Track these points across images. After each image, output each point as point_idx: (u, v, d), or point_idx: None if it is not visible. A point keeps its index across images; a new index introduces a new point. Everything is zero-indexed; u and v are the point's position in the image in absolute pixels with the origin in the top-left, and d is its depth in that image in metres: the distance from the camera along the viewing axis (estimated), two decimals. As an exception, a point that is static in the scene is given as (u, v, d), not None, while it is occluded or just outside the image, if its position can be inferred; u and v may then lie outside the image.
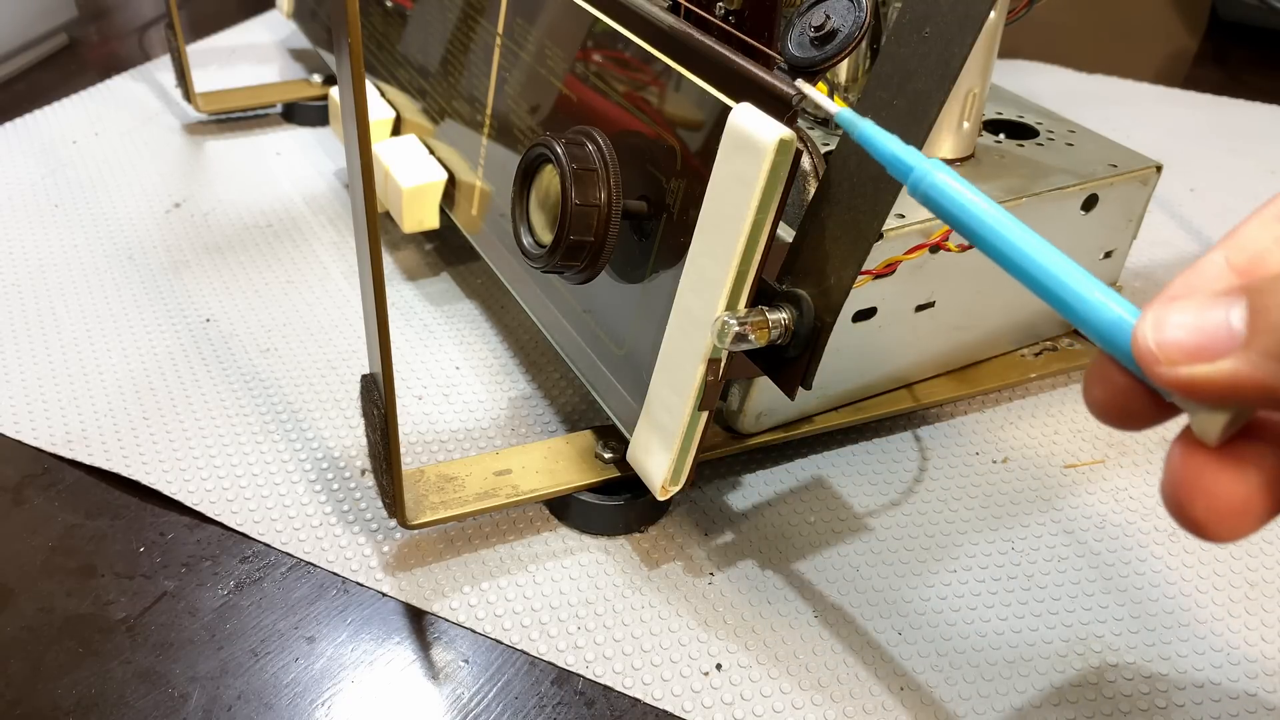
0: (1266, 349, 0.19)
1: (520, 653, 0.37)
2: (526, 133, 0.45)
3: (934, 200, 0.24)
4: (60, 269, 0.57)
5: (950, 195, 0.24)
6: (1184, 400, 0.21)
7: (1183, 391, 0.20)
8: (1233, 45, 0.97)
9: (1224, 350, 0.19)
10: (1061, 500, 0.44)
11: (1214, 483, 0.21)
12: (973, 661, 0.37)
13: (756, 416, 0.43)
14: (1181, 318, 0.20)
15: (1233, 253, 0.22)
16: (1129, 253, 0.50)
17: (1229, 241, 0.22)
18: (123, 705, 0.35)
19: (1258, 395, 0.19)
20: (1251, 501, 0.20)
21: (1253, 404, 0.20)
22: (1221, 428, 0.20)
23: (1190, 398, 0.20)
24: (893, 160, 0.26)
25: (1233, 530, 0.21)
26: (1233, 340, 0.19)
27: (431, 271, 0.58)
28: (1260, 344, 0.19)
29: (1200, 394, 0.20)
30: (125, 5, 0.98)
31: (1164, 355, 0.20)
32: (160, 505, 0.42)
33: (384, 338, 0.33)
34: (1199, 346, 0.20)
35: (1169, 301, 0.21)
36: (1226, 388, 0.19)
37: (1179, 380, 0.20)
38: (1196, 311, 0.20)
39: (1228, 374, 0.19)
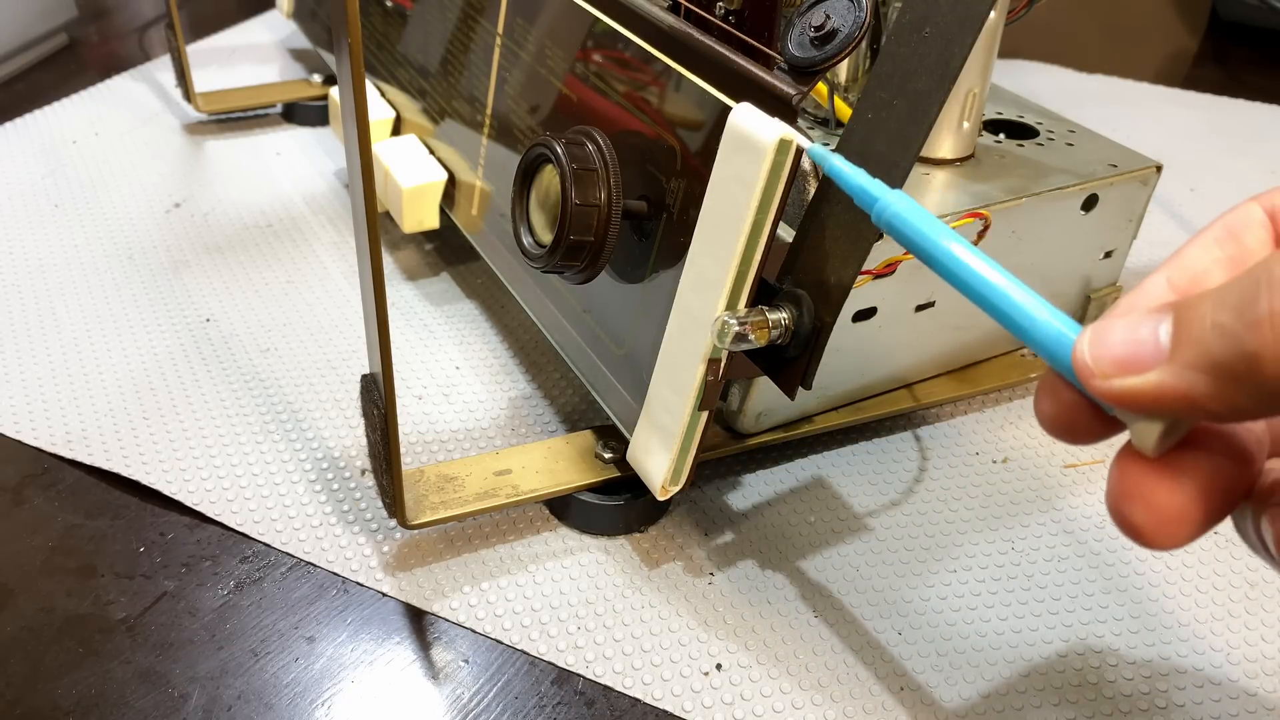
0: (1187, 361, 0.20)
1: (520, 653, 0.37)
2: (526, 133, 0.45)
3: (897, 230, 0.26)
4: (60, 269, 0.57)
5: (912, 225, 0.26)
6: (1121, 412, 0.22)
7: (1114, 402, 0.21)
8: (1233, 45, 0.97)
9: (1150, 363, 0.21)
10: (1061, 500, 0.44)
11: (1152, 492, 0.21)
12: (973, 661, 0.37)
13: (756, 416, 0.43)
14: (1116, 334, 0.21)
15: (1174, 273, 0.23)
16: (1129, 253, 0.50)
17: (1172, 263, 0.23)
18: (123, 705, 0.35)
19: (1181, 405, 0.20)
20: (1189, 509, 0.21)
21: (1177, 414, 0.21)
22: (1156, 438, 0.21)
23: (1122, 408, 0.21)
24: (859, 192, 0.27)
25: (1172, 537, 0.21)
26: (1159, 354, 0.20)
27: (431, 271, 0.58)
28: (1182, 357, 0.20)
29: (1130, 404, 0.21)
30: (125, 5, 0.98)
31: (1098, 368, 0.21)
32: (160, 505, 0.42)
33: (384, 338, 0.33)
34: (1129, 359, 0.21)
35: (1108, 319, 0.22)
36: (1153, 398, 0.20)
37: (1110, 391, 0.21)
38: (1130, 327, 0.21)
39: (1153, 385, 0.20)
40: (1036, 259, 0.46)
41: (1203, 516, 0.22)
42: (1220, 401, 0.20)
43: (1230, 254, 0.23)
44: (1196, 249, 0.23)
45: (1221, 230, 0.24)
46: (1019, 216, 0.44)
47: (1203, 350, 0.20)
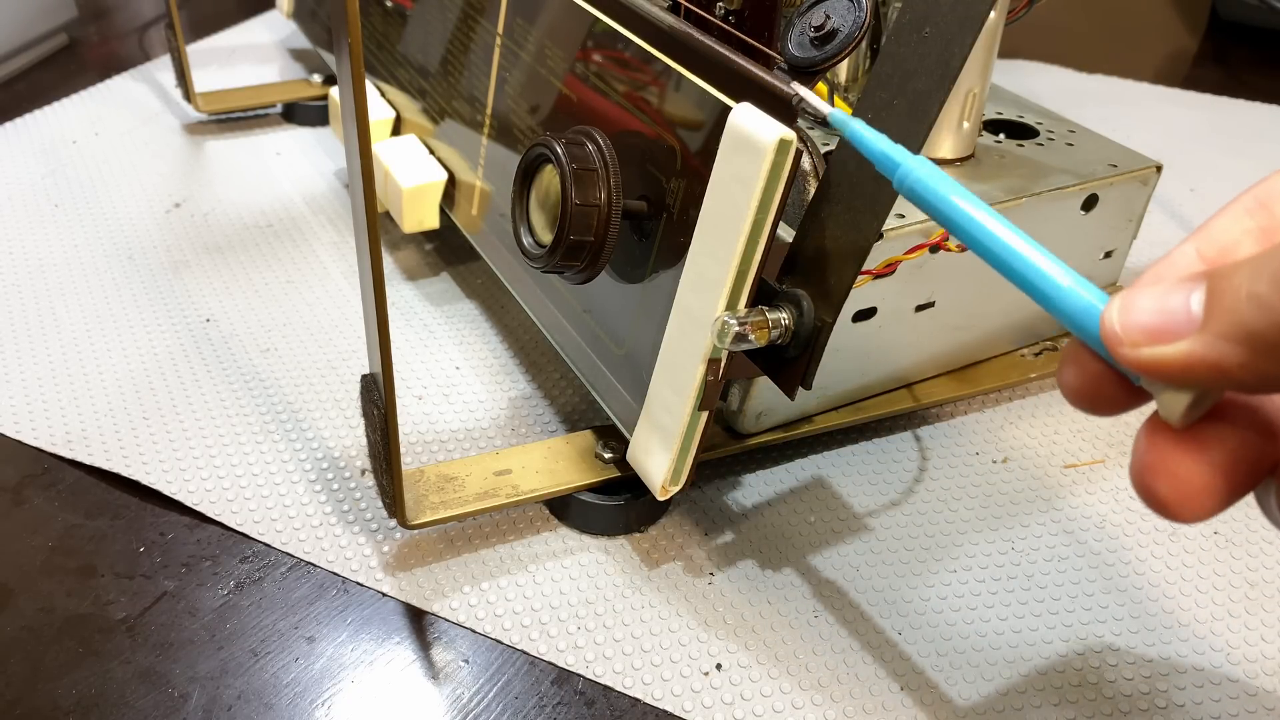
0: (1220, 331, 0.20)
1: (520, 653, 0.37)
2: (526, 133, 0.45)
3: (919, 195, 0.26)
4: (60, 269, 0.57)
5: (935, 190, 0.25)
6: (1149, 382, 0.22)
7: (1143, 371, 0.21)
8: (1233, 45, 0.97)
9: (1182, 332, 0.20)
10: (1061, 500, 0.44)
11: (1178, 463, 0.21)
12: (973, 661, 0.37)
13: (756, 416, 0.43)
14: (1146, 302, 0.21)
15: (1203, 244, 0.23)
16: (1129, 253, 0.50)
17: (1200, 234, 0.23)
18: (123, 705, 0.35)
19: (1211, 375, 0.20)
20: (1214, 482, 0.21)
21: (1207, 384, 0.21)
22: (1184, 408, 0.21)
23: (1151, 377, 0.21)
24: (881, 158, 0.27)
25: (1196, 510, 0.21)
26: (1191, 323, 0.20)
27: (431, 271, 0.58)
28: (1215, 326, 0.20)
29: (1159, 373, 0.21)
30: (125, 5, 0.98)
31: (1127, 336, 0.21)
32: (160, 505, 0.42)
33: (384, 338, 0.33)
34: (1160, 328, 0.21)
35: (1137, 288, 0.22)
36: (1183, 367, 0.20)
37: (1139, 360, 0.21)
38: (1161, 296, 0.21)
39: (1183, 354, 0.20)
40: (1036, 259, 0.46)
41: (1227, 490, 0.21)
42: (1252, 372, 0.19)
43: (1262, 224, 0.23)
44: (1226, 219, 0.23)
45: (1252, 201, 0.23)
46: (1019, 216, 0.44)
47: (1237, 320, 0.19)
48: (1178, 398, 0.21)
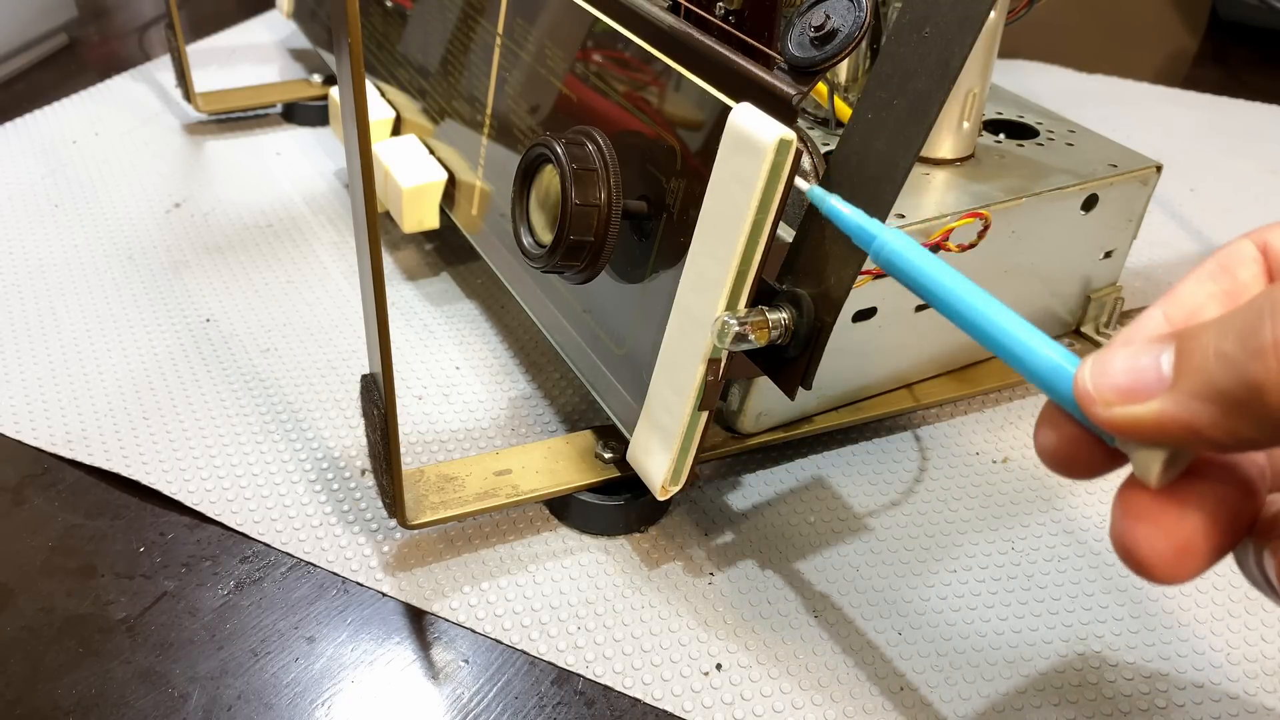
0: (1190, 390, 0.20)
1: (520, 653, 0.37)
2: (526, 133, 0.45)
3: (895, 265, 0.27)
4: (60, 269, 0.57)
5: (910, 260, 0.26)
6: (1123, 442, 0.22)
7: (1116, 430, 0.21)
8: (1233, 45, 0.97)
9: (1153, 391, 0.21)
10: (1061, 500, 0.44)
11: (1156, 524, 0.21)
12: (973, 661, 0.37)
13: (756, 416, 0.43)
14: (1118, 362, 0.22)
15: (1170, 308, 0.23)
16: (1129, 253, 0.50)
17: (1167, 299, 0.24)
18: (123, 705, 0.35)
19: (1183, 433, 0.20)
20: (1195, 541, 0.21)
21: (1180, 442, 0.21)
22: (1160, 468, 0.21)
23: (1124, 437, 0.22)
24: (857, 231, 0.28)
25: (1177, 571, 0.21)
26: (1161, 382, 0.21)
27: (431, 271, 0.58)
28: (1185, 385, 0.20)
29: (1132, 433, 0.21)
30: (125, 5, 0.98)
31: (1100, 396, 0.21)
32: (160, 505, 0.42)
33: (384, 338, 0.33)
34: (1131, 387, 0.21)
35: (1108, 349, 0.22)
36: (1155, 425, 0.21)
37: (1113, 419, 0.21)
38: (1131, 356, 0.21)
39: (1155, 413, 0.21)
40: (1036, 259, 0.46)
41: (1209, 549, 0.21)
42: (1223, 430, 0.20)
43: (1225, 288, 0.23)
44: (1191, 284, 0.24)
45: (1215, 266, 0.24)
46: (1019, 216, 0.44)
47: (1206, 379, 0.20)
48: (1152, 456, 0.21)
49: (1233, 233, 0.68)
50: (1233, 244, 0.24)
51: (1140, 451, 0.22)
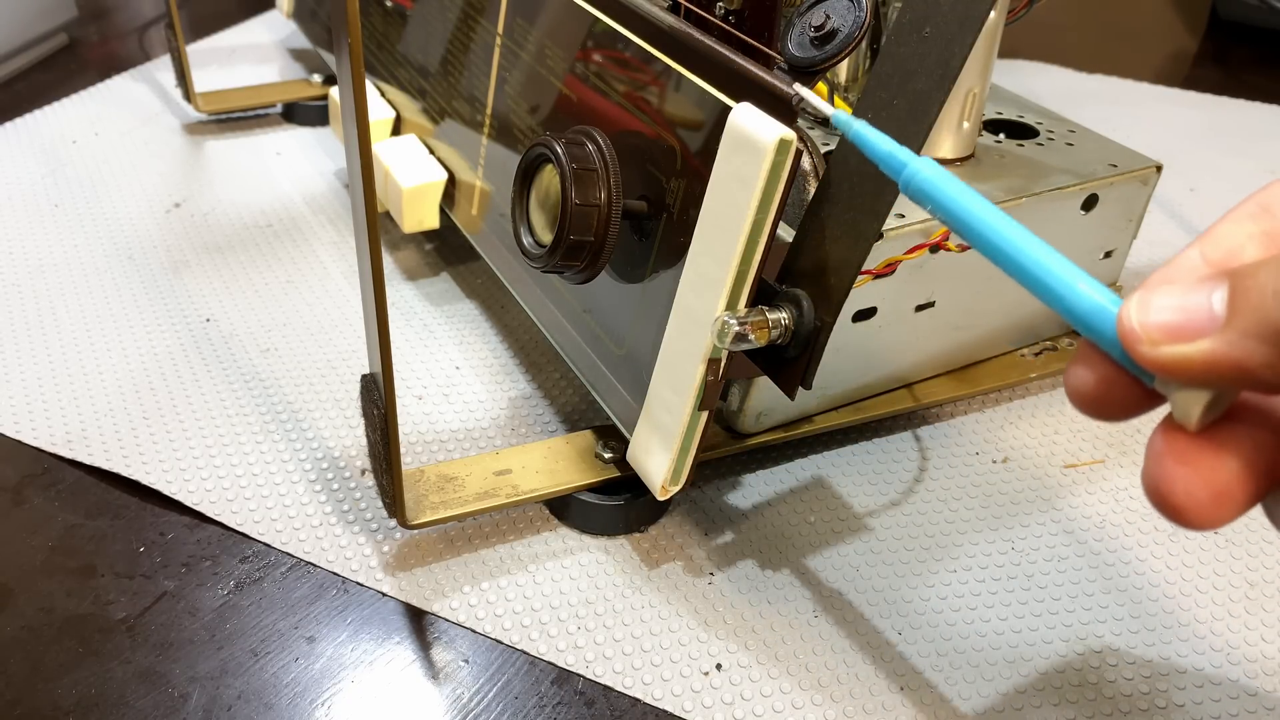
0: (1244, 329, 0.19)
1: (520, 653, 0.37)
2: (526, 132, 0.45)
3: (927, 194, 0.25)
4: (60, 269, 0.57)
5: (942, 189, 0.25)
6: (1164, 383, 0.21)
7: (1163, 370, 0.21)
8: (1233, 45, 0.97)
9: (1204, 330, 0.20)
10: (1061, 500, 0.44)
11: (1194, 468, 0.21)
12: (973, 661, 0.37)
13: (756, 416, 0.43)
14: (1165, 300, 0.21)
15: (1208, 248, 0.23)
16: (1129, 253, 0.50)
17: (1204, 239, 0.23)
18: (123, 705, 0.35)
19: (1234, 374, 0.20)
20: (1232, 486, 0.21)
21: (1230, 383, 0.20)
22: (1202, 409, 0.21)
23: (1171, 377, 0.21)
24: (886, 158, 0.26)
25: (1213, 517, 0.21)
26: (1213, 321, 0.20)
27: (431, 271, 0.58)
28: (1239, 324, 0.20)
29: (1180, 373, 0.20)
30: (125, 5, 0.98)
31: (1146, 335, 0.21)
32: (160, 505, 0.42)
33: (384, 338, 0.33)
34: (1180, 326, 0.20)
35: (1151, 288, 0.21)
36: (1205, 366, 0.20)
37: (1160, 359, 0.21)
38: (1180, 294, 0.21)
39: (1206, 353, 0.20)
40: (1036, 259, 0.46)
41: (1245, 495, 0.21)
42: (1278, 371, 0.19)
43: (1265, 229, 0.23)
44: (1230, 224, 0.23)
45: (1255, 206, 0.23)
46: (1019, 216, 0.44)
47: (1263, 317, 0.19)
48: (1195, 398, 0.21)
49: (1233, 233, 0.68)
50: (1273, 185, 0.24)
51: (1182, 393, 0.21)
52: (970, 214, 0.24)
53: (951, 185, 0.25)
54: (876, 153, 0.27)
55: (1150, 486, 0.21)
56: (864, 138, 0.27)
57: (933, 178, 0.25)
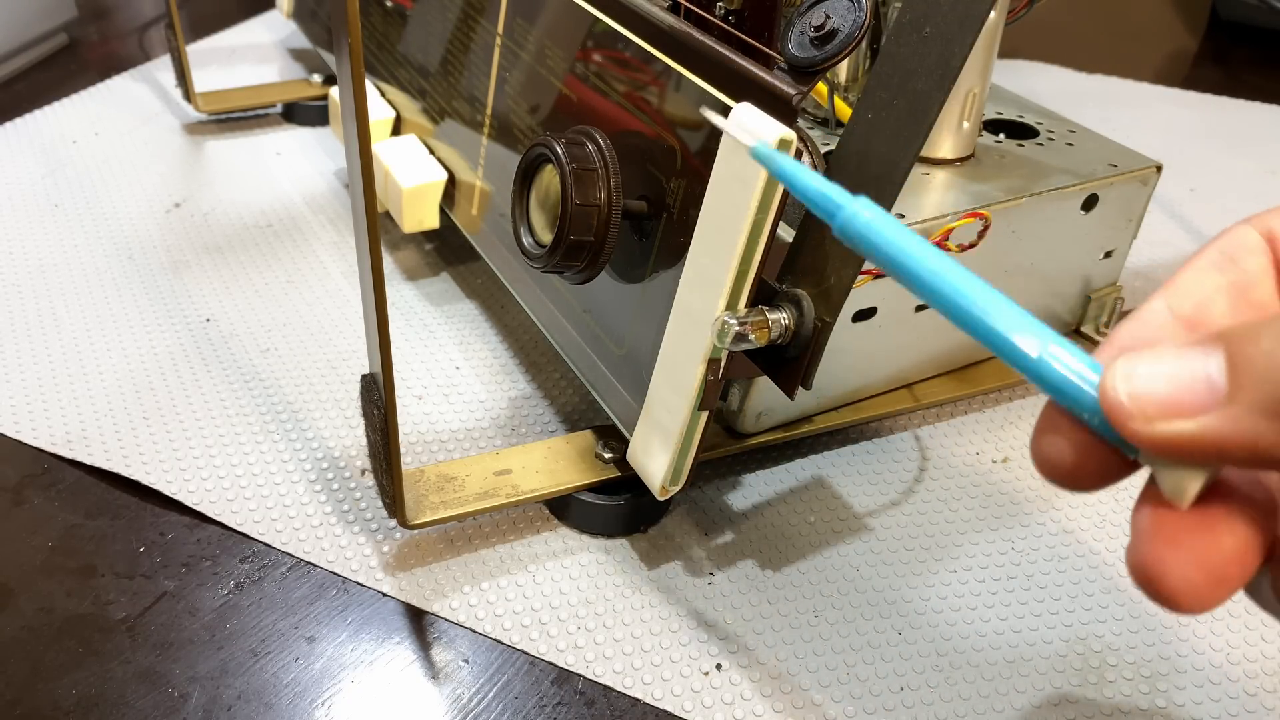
0: (1251, 403, 0.18)
1: (520, 653, 0.37)
2: (526, 132, 0.45)
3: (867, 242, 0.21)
4: (60, 269, 0.57)
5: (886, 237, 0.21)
6: (1151, 458, 0.19)
7: (1161, 450, 0.19)
8: (1233, 45, 0.97)
9: (1205, 405, 0.18)
10: (1061, 500, 0.44)
11: (1187, 549, 0.19)
12: (973, 661, 0.37)
13: (756, 416, 0.43)
14: (1154, 369, 0.19)
15: (1174, 300, 0.21)
16: (1129, 253, 0.50)
17: (1169, 290, 0.22)
18: (123, 705, 0.35)
19: (1243, 453, 0.18)
20: (1228, 567, 0.19)
21: (1237, 463, 0.18)
22: (1199, 489, 0.19)
23: (1169, 456, 0.19)
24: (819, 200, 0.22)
25: (1208, 601, 0.19)
26: (1213, 394, 0.18)
27: (431, 271, 0.58)
28: (1245, 398, 0.18)
29: (1180, 452, 0.19)
30: (125, 5, 0.98)
31: (1139, 410, 0.19)
32: (160, 505, 0.42)
33: (384, 338, 0.33)
34: (1176, 400, 0.18)
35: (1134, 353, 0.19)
36: (1210, 445, 0.18)
37: (1157, 437, 0.19)
38: (1170, 362, 0.19)
39: (1211, 430, 0.18)
40: (1036, 259, 0.46)
41: (1239, 575, 0.19)
42: None
43: (1232, 279, 0.21)
44: (1193, 275, 0.22)
45: (1217, 255, 0.22)
46: (1019, 216, 0.44)
47: (1273, 391, 0.17)
48: (1190, 476, 0.19)
49: (1233, 233, 0.68)
50: (1233, 231, 0.22)
51: (1174, 470, 0.19)
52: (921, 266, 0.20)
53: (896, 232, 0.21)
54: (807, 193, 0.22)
55: (1139, 569, 0.20)
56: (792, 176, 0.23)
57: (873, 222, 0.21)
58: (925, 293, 0.21)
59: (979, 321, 0.20)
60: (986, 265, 0.45)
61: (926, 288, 0.20)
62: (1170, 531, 0.19)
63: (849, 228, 0.21)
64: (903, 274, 0.21)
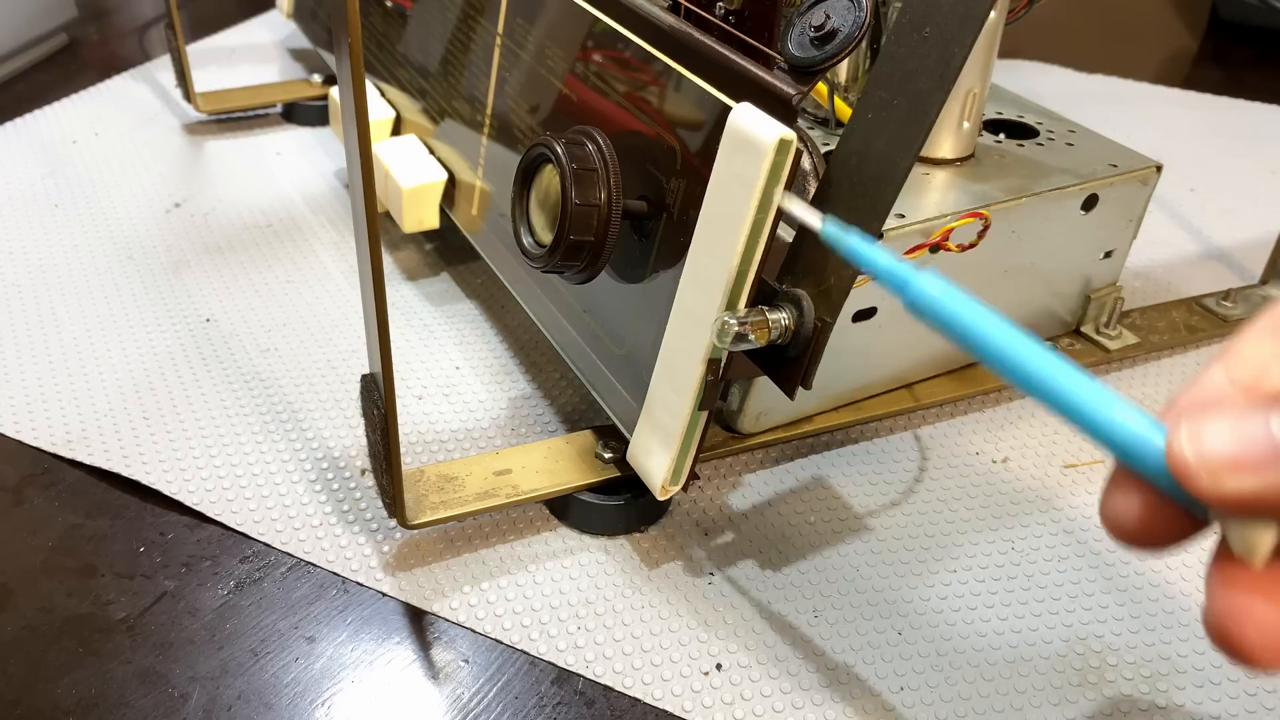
0: None
1: (520, 653, 0.37)
2: (526, 132, 0.45)
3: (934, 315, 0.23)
4: (60, 269, 0.57)
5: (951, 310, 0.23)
6: (1221, 515, 0.20)
7: (1230, 506, 0.19)
8: (1233, 45, 0.97)
9: (1268, 461, 0.19)
10: (1061, 500, 0.44)
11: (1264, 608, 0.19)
12: (973, 661, 0.37)
13: (756, 416, 0.43)
14: (1219, 428, 0.19)
15: (1234, 370, 0.22)
16: (1129, 253, 0.50)
17: (1227, 360, 0.22)
18: (123, 705, 0.35)
19: None
20: None
21: None
22: (1270, 545, 0.19)
23: (1237, 512, 0.19)
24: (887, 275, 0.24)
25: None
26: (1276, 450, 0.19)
27: (431, 271, 0.58)
28: None
29: (1247, 507, 0.19)
30: (125, 5, 0.98)
31: (1205, 468, 0.19)
32: (160, 505, 0.42)
33: (384, 338, 0.33)
34: (1241, 457, 0.19)
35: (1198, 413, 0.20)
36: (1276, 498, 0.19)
37: (1225, 494, 0.19)
38: (1234, 421, 0.19)
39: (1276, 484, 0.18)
40: (1036, 259, 0.46)
41: None
42: None
43: None
44: (1251, 344, 0.22)
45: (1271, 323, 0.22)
46: (1019, 216, 0.44)
47: None
48: (1259, 533, 0.19)
49: (1233, 233, 0.69)
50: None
51: (1243, 527, 0.19)
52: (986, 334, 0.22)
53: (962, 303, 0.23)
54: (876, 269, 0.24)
55: (1217, 631, 0.20)
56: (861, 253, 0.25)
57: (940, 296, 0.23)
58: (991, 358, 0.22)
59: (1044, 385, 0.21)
60: (986, 265, 0.45)
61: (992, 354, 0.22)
62: (1244, 590, 0.20)
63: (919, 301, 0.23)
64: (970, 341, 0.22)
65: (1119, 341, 0.51)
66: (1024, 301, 0.48)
